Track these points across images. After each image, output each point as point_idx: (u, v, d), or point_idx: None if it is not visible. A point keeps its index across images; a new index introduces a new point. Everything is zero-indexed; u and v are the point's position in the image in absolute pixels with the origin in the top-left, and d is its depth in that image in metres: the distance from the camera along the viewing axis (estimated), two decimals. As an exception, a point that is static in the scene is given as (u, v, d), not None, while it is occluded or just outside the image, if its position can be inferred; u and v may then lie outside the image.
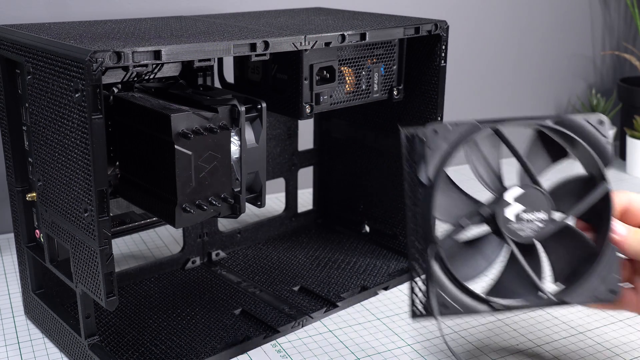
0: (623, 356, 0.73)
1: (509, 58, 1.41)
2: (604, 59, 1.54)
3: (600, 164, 0.63)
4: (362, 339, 0.77)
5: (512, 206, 0.62)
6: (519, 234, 0.62)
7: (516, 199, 0.62)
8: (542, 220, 0.62)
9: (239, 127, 0.65)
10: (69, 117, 0.59)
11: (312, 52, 0.73)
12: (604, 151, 0.63)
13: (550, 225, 0.62)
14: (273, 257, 0.96)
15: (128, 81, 0.71)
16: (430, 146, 0.62)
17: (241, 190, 0.68)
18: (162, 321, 0.79)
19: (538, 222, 0.62)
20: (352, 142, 1.00)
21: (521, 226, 0.62)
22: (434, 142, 0.62)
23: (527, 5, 1.40)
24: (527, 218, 0.62)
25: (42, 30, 0.67)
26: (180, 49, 0.61)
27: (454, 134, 0.63)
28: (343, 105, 0.79)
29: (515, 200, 0.62)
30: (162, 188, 0.64)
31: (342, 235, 1.03)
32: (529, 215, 0.62)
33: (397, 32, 0.78)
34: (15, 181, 0.72)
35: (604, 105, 1.39)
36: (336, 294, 0.85)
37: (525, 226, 0.62)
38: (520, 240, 0.62)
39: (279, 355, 0.74)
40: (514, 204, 0.62)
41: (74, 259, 0.64)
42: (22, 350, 0.74)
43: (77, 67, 0.56)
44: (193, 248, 0.93)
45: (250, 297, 0.84)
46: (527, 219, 0.62)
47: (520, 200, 0.62)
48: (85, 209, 0.60)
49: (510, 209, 0.62)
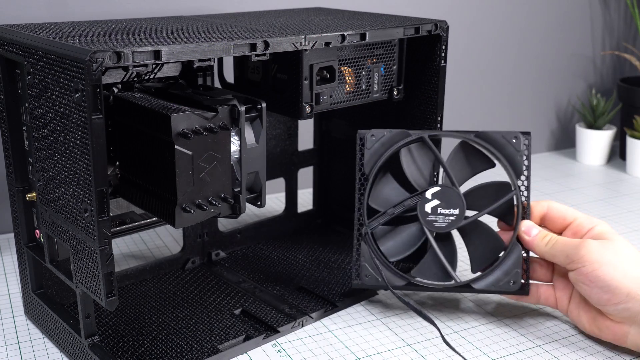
0: (623, 356, 0.73)
1: (509, 58, 1.41)
2: (604, 59, 1.54)
3: (511, 173, 0.76)
4: (362, 339, 0.77)
5: (430, 201, 0.76)
6: (434, 224, 0.76)
7: (434, 195, 0.76)
8: (454, 215, 0.76)
9: (239, 127, 0.65)
10: (69, 117, 0.59)
11: (312, 52, 0.73)
12: (516, 162, 0.76)
13: (461, 220, 0.76)
14: (273, 257, 0.96)
15: (128, 81, 0.71)
16: (368, 147, 0.79)
17: (241, 190, 0.68)
18: (162, 321, 0.79)
19: (451, 217, 0.76)
20: (352, 142, 1.00)
21: (436, 218, 0.76)
22: (371, 144, 0.79)
23: (527, 5, 1.40)
24: (442, 212, 0.76)
25: (42, 30, 0.67)
26: (180, 49, 0.61)
27: (388, 139, 0.78)
28: (343, 105, 0.79)
29: (433, 196, 0.76)
30: (162, 188, 0.64)
31: (342, 235, 1.03)
32: (444, 210, 0.76)
33: (397, 32, 0.78)
34: (15, 181, 0.72)
35: (604, 105, 1.39)
36: (336, 294, 0.85)
37: (440, 219, 0.76)
38: (435, 229, 0.76)
39: (279, 355, 0.74)
40: (432, 200, 0.76)
41: (74, 259, 0.64)
42: (22, 350, 0.74)
43: (77, 67, 0.56)
44: (193, 248, 0.93)
45: (250, 297, 0.84)
46: (442, 212, 0.76)
47: (437, 196, 0.76)
48: (85, 209, 0.60)
49: (429, 204, 0.76)
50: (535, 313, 0.82)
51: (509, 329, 0.79)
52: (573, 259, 0.71)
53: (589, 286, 0.70)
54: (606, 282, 0.69)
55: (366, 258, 0.77)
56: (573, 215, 0.76)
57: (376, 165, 0.78)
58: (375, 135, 0.78)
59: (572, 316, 0.76)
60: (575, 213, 0.77)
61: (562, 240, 0.73)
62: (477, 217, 0.76)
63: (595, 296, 0.70)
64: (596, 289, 0.70)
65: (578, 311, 0.75)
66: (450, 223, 0.76)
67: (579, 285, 0.72)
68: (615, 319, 0.71)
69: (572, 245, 0.72)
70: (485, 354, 0.74)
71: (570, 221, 0.76)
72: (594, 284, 0.70)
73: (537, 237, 0.75)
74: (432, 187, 0.76)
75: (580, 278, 0.71)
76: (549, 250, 0.74)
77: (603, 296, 0.70)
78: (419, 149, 0.79)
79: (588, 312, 0.74)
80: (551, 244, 0.74)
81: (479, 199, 0.77)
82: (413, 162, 0.79)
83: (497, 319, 0.81)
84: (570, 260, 0.71)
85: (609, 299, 0.69)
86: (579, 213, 0.77)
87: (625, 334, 0.71)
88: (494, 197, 0.77)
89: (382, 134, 0.78)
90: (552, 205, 0.78)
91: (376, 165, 0.78)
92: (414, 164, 0.79)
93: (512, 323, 0.80)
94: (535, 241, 0.75)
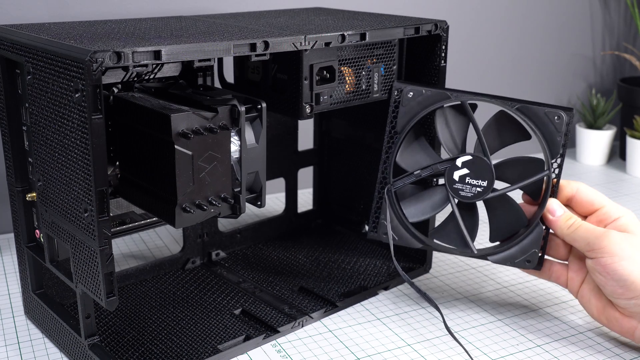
0: (623, 356, 0.73)
1: (509, 58, 1.41)
2: (604, 59, 1.54)
3: (547, 153, 0.74)
4: (362, 339, 0.77)
5: (460, 169, 0.74)
6: (459, 193, 0.75)
7: (464, 164, 0.74)
8: (481, 186, 0.74)
9: (239, 127, 0.65)
10: (69, 117, 0.59)
11: (312, 52, 0.73)
12: (554, 143, 0.74)
13: (487, 192, 0.74)
14: (273, 257, 0.96)
15: (128, 81, 0.71)
16: (404, 105, 0.77)
17: (241, 190, 0.68)
18: (162, 321, 0.79)
19: (478, 188, 0.74)
20: (352, 142, 1.00)
21: (463, 187, 0.75)
22: (407, 103, 0.77)
23: (527, 5, 1.40)
24: (470, 182, 0.74)
25: (42, 30, 0.67)
26: (180, 49, 0.61)
27: (426, 99, 0.77)
28: (343, 105, 0.79)
29: (463, 165, 0.74)
30: (162, 188, 0.64)
31: (342, 235, 1.03)
32: (471, 180, 0.74)
33: (397, 32, 0.78)
34: (15, 181, 0.72)
35: (604, 105, 1.39)
36: (336, 294, 0.85)
37: (467, 188, 0.74)
38: (460, 198, 0.75)
39: (279, 355, 0.74)
40: (461, 168, 0.74)
41: (74, 259, 0.64)
42: (22, 350, 0.74)
43: (77, 67, 0.56)
44: (193, 248, 0.93)
45: (250, 297, 0.84)
46: (469, 182, 0.74)
47: (467, 165, 0.74)
48: (85, 209, 0.60)
49: (457, 172, 0.75)
50: (535, 313, 0.82)
51: (509, 329, 0.79)
52: (594, 247, 0.70)
53: (605, 277, 0.70)
54: (623, 277, 0.68)
55: (386, 216, 0.77)
56: (601, 202, 0.75)
57: (410, 123, 0.77)
58: (413, 92, 0.77)
59: (582, 300, 0.75)
60: (604, 200, 0.75)
61: (585, 227, 0.72)
62: (504, 192, 0.75)
63: (610, 288, 0.70)
64: (612, 282, 0.69)
65: (589, 297, 0.74)
66: (476, 194, 0.74)
67: (595, 274, 0.71)
68: (625, 312, 0.71)
69: (595, 234, 0.71)
70: (485, 354, 0.74)
71: (598, 207, 0.74)
72: (610, 276, 0.69)
73: (561, 218, 0.73)
74: (463, 155, 0.74)
75: (597, 268, 0.70)
76: (571, 234, 0.72)
77: (617, 289, 0.69)
78: (454, 113, 0.77)
79: (599, 301, 0.73)
80: (573, 228, 0.72)
81: (508, 172, 0.75)
82: (447, 126, 0.77)
83: (497, 318, 0.81)
84: (591, 249, 0.70)
85: (623, 292, 0.69)
86: (608, 200, 0.75)
87: (634, 328, 0.71)
88: (524, 173, 0.75)
89: (420, 92, 0.77)
90: (582, 188, 0.75)
91: (410, 124, 0.77)
92: (448, 128, 0.77)
93: (512, 323, 0.80)
94: (559, 222, 0.73)
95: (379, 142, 0.96)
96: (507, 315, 0.82)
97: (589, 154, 1.41)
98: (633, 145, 1.33)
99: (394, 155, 0.77)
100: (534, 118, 0.74)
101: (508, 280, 0.91)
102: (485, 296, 0.86)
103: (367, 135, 0.97)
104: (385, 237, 0.77)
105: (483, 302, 0.85)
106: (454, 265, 0.95)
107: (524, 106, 0.74)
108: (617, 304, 0.71)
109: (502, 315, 0.82)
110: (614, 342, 0.76)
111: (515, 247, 0.75)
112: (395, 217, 0.77)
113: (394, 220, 0.77)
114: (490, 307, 0.84)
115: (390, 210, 0.77)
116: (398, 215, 0.77)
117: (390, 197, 0.77)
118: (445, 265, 0.95)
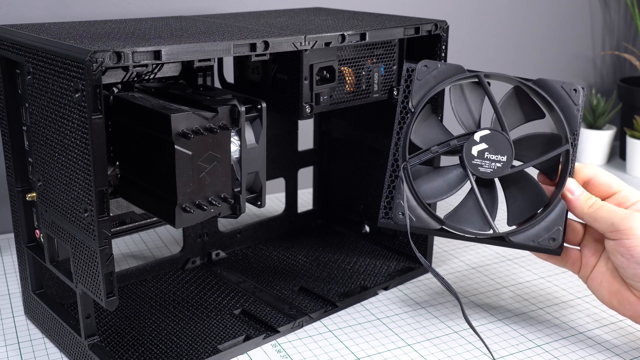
0: (623, 356, 0.73)
1: (509, 58, 1.41)
2: (604, 59, 1.54)
3: (564, 127, 0.71)
4: (362, 339, 0.77)
5: (478, 144, 0.72)
6: (478, 169, 0.72)
7: (482, 139, 0.71)
8: (501, 162, 0.71)
9: (239, 127, 0.65)
10: (69, 117, 0.59)
11: (312, 52, 0.73)
12: (572, 116, 0.72)
13: (507, 168, 0.71)
14: (273, 257, 0.96)
15: (128, 81, 0.71)
16: (419, 78, 0.74)
17: (241, 190, 0.68)
18: (162, 321, 0.79)
19: (497, 163, 0.71)
20: (352, 142, 1.00)
21: (482, 163, 0.72)
22: (422, 76, 0.74)
23: (527, 6, 1.40)
24: (489, 157, 0.71)
25: (42, 30, 0.67)
26: (180, 49, 0.61)
27: (441, 72, 0.74)
28: (343, 105, 0.79)
29: (481, 140, 0.71)
30: (162, 188, 0.64)
31: (342, 235, 1.03)
32: (491, 155, 0.71)
33: (397, 32, 0.78)
34: (15, 181, 0.72)
35: (604, 105, 1.39)
36: (336, 294, 0.85)
37: (486, 164, 0.72)
38: (479, 174, 0.72)
39: (279, 355, 0.74)
40: (480, 143, 0.71)
41: (74, 259, 0.64)
42: (22, 350, 0.74)
43: (77, 67, 0.56)
44: (193, 248, 0.93)
45: (250, 297, 0.84)
46: (488, 157, 0.71)
47: (485, 140, 0.71)
48: (85, 209, 0.60)
49: (476, 147, 0.72)
50: (535, 313, 0.82)
51: (509, 329, 0.79)
52: (619, 228, 0.68)
53: (627, 259, 0.68)
54: None
55: (402, 195, 0.73)
56: (619, 185, 0.73)
57: (425, 97, 0.73)
58: (428, 66, 0.74)
59: (592, 283, 0.74)
60: (621, 184, 0.73)
61: (608, 207, 0.70)
62: (525, 167, 0.72)
63: (632, 270, 0.68)
64: (634, 264, 0.67)
65: (600, 280, 0.73)
66: (496, 170, 0.71)
67: (616, 255, 0.69)
68: None
69: (620, 215, 0.68)
70: (485, 354, 0.74)
71: (616, 191, 0.73)
72: (634, 258, 0.67)
73: (581, 197, 0.71)
74: (481, 129, 0.72)
75: (620, 250, 0.68)
76: (592, 213, 0.70)
77: (639, 272, 0.67)
78: (470, 88, 0.75)
79: (612, 284, 0.72)
80: (595, 207, 0.70)
81: (526, 148, 0.73)
82: (463, 100, 0.74)
83: (497, 319, 0.81)
84: (615, 229, 0.68)
85: None
86: (625, 184, 0.74)
87: None
88: (543, 149, 0.73)
89: (436, 66, 0.74)
90: (599, 171, 0.74)
91: (425, 98, 0.73)
92: (464, 102, 0.74)
93: (512, 323, 0.80)
94: (579, 201, 0.71)
95: (379, 142, 0.96)
96: (507, 315, 0.82)
97: (589, 154, 1.41)
98: (633, 145, 1.33)
99: (408, 132, 0.74)
100: (550, 92, 0.72)
101: (508, 281, 0.91)
102: (485, 296, 0.87)
103: (367, 135, 0.97)
104: (402, 217, 0.72)
105: (483, 302, 0.85)
106: (454, 266, 0.95)
107: (541, 79, 0.73)
108: (637, 287, 0.69)
109: (502, 315, 0.82)
110: (614, 342, 0.76)
111: (538, 225, 0.71)
112: (412, 196, 0.73)
113: (410, 200, 0.73)
114: (490, 307, 0.84)
115: (407, 188, 0.73)
116: (414, 194, 0.73)
117: (406, 175, 0.73)
118: (446, 265, 0.95)
